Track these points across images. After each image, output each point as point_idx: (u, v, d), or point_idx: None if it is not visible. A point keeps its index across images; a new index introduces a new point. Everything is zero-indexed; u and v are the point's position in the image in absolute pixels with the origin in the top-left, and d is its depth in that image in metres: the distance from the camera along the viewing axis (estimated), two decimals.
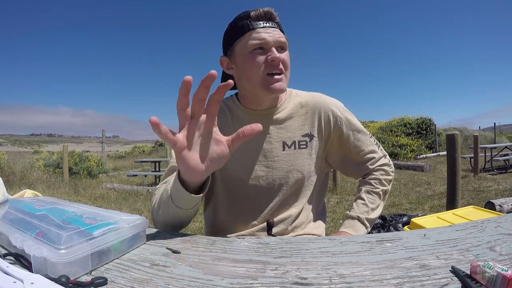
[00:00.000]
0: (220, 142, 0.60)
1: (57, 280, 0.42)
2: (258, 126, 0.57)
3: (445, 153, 6.92)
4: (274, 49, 0.80)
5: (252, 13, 0.82)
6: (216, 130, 0.60)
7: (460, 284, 0.43)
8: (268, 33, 0.81)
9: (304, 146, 0.90)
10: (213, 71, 0.53)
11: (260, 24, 0.81)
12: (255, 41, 0.80)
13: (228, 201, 0.93)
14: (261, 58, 0.81)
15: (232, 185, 0.91)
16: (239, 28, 0.83)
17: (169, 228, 0.74)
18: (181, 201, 0.65)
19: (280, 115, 0.90)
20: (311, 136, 0.91)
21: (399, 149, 11.30)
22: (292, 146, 0.90)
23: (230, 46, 0.86)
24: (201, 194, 0.64)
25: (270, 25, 0.82)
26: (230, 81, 0.55)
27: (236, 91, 0.98)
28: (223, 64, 0.90)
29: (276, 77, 0.82)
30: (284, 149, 0.89)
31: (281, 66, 0.82)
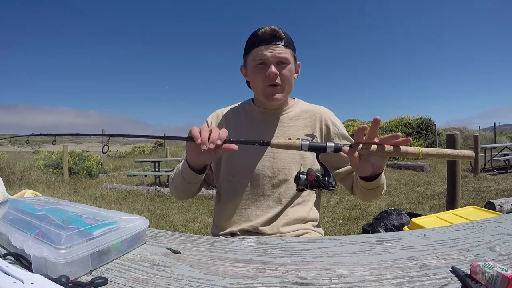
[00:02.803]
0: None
1: (57, 280, 0.42)
2: (234, 146, 0.73)
3: None
4: (272, 66, 0.93)
5: (260, 32, 0.94)
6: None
7: (460, 284, 0.43)
8: (269, 50, 0.93)
9: None
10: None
11: (264, 42, 0.94)
12: (257, 58, 0.94)
13: (235, 192, 1.00)
14: (262, 72, 0.94)
15: (240, 174, 0.99)
16: (248, 45, 0.98)
17: (180, 194, 1.00)
18: (186, 175, 0.89)
19: (286, 115, 1.04)
20: (313, 136, 1.02)
21: None
22: None
23: (244, 58, 1.02)
24: (201, 175, 0.88)
25: (274, 42, 0.93)
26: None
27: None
28: (242, 72, 1.05)
29: (274, 88, 0.95)
30: None
31: (278, 80, 0.94)
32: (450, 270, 0.47)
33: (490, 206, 3.41)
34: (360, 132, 0.68)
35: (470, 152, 0.67)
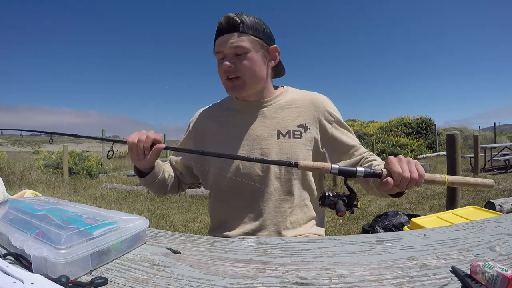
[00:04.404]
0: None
1: (57, 280, 0.42)
2: (161, 146, 0.84)
3: (445, 153, 6.92)
4: (226, 59, 0.88)
5: (218, 24, 0.89)
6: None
7: (460, 284, 0.43)
8: (224, 42, 0.87)
9: (299, 136, 0.93)
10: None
11: (220, 34, 0.89)
12: (216, 53, 0.91)
13: (224, 192, 0.95)
14: (222, 66, 0.89)
15: (230, 173, 0.92)
16: (214, 40, 0.93)
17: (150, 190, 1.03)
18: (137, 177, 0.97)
19: (273, 106, 0.96)
20: (305, 128, 0.94)
21: (399, 149, 11.29)
22: (287, 135, 0.92)
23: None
24: (144, 177, 0.93)
25: (228, 32, 0.87)
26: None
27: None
28: None
29: (231, 83, 0.91)
30: (278, 138, 0.92)
31: (236, 73, 0.89)
32: (450, 270, 0.47)
33: (490, 206, 3.41)
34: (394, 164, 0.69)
35: (491, 181, 0.73)
